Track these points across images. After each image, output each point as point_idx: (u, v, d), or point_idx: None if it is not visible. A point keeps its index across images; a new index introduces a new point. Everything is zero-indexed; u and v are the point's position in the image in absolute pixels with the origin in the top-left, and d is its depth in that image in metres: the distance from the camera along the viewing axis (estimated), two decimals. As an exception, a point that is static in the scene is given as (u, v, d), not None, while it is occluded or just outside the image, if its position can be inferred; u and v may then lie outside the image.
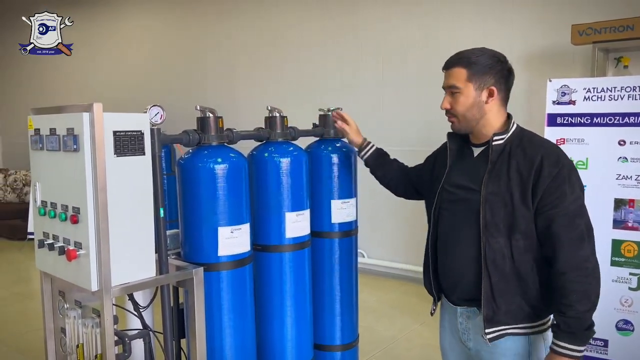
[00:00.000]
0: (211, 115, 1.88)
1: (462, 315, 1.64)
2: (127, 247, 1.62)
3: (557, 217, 1.44)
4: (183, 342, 1.95)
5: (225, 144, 1.95)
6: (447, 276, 1.65)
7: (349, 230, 2.37)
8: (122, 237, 1.60)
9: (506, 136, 1.55)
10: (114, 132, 1.58)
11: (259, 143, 2.17)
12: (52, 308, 1.91)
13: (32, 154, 1.77)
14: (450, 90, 1.58)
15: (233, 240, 1.87)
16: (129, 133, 1.62)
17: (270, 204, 2.07)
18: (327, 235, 2.32)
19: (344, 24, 5.09)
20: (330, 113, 2.36)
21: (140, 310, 1.85)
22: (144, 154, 1.66)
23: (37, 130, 1.72)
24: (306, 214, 2.14)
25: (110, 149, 1.57)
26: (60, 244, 1.65)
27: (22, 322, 3.99)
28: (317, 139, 2.38)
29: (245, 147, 2.11)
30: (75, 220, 1.57)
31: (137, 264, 1.66)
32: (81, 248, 1.57)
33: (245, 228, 1.91)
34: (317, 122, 2.38)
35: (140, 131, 1.65)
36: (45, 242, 1.71)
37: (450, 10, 4.45)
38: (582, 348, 1.44)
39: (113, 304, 1.65)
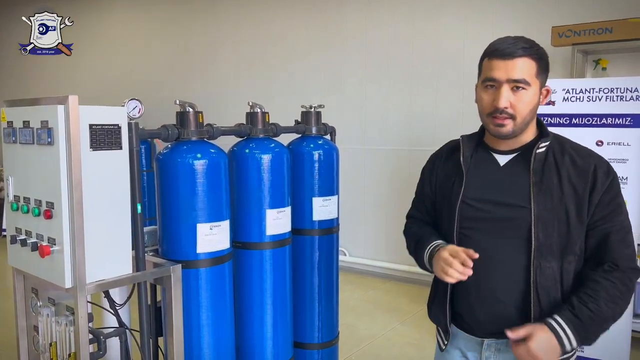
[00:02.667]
0: (191, 109, 1.85)
1: (490, 348, 1.42)
2: (102, 243, 1.59)
3: (612, 232, 1.31)
4: (161, 340, 1.92)
5: (205, 139, 1.92)
6: (479, 307, 1.40)
7: (330, 228, 2.36)
8: (97, 233, 1.57)
9: (548, 142, 1.36)
10: (90, 126, 1.54)
11: (240, 139, 2.15)
12: (24, 306, 1.87)
13: (4, 147, 1.72)
14: (515, 84, 1.29)
15: (212, 237, 1.85)
16: (106, 127, 1.58)
17: (251, 201, 2.04)
18: (308, 233, 2.31)
19: (329, 22, 5.08)
20: (311, 109, 2.34)
21: (117, 307, 1.82)
22: (121, 148, 1.62)
23: (10, 123, 1.68)
24: (287, 211, 2.12)
25: (86, 143, 1.53)
26: (34, 239, 1.61)
27: (-4, 321, 3.89)
28: (299, 136, 2.37)
29: (228, 143, 2.08)
30: (49, 215, 1.52)
31: (113, 261, 1.63)
32: (55, 244, 1.53)
33: (225, 225, 1.89)
34: (300, 119, 2.37)
35: (118, 125, 1.61)
36: (17, 238, 1.66)
37: (433, 10, 4.47)
38: (575, 344, 1.27)
39: (89, 302, 1.61)
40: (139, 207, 1.72)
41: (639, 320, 3.19)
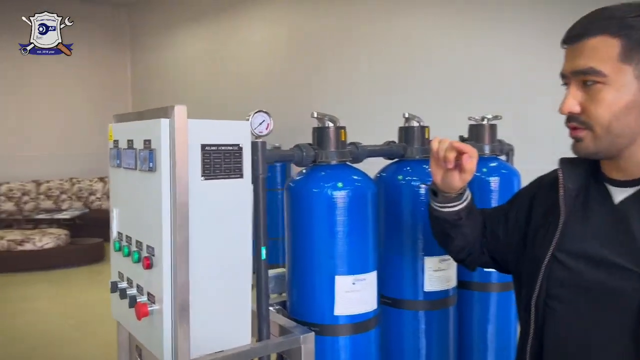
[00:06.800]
0: (331, 124, 1.41)
1: None
2: (214, 304, 1.18)
3: None
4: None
5: (348, 162, 1.47)
6: None
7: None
8: (207, 290, 1.17)
9: None
10: (203, 146, 1.16)
11: (390, 161, 1.66)
12: (128, 364, 1.55)
13: (110, 171, 1.43)
14: (582, 78, 0.91)
15: (354, 294, 1.37)
16: (223, 148, 1.19)
17: (404, 246, 1.54)
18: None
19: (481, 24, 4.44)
20: (483, 122, 1.78)
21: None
22: (242, 176, 1.22)
23: (115, 143, 1.37)
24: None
25: (196, 170, 1.15)
26: (134, 291, 1.26)
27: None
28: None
29: (370, 168, 1.59)
30: (148, 264, 1.16)
31: (227, 328, 1.21)
32: (154, 302, 1.16)
33: (371, 278, 1.40)
34: (467, 135, 1.82)
35: (238, 145, 1.21)
36: (118, 286, 1.33)
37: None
38: None
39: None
40: (263, 252, 1.31)
41: None
